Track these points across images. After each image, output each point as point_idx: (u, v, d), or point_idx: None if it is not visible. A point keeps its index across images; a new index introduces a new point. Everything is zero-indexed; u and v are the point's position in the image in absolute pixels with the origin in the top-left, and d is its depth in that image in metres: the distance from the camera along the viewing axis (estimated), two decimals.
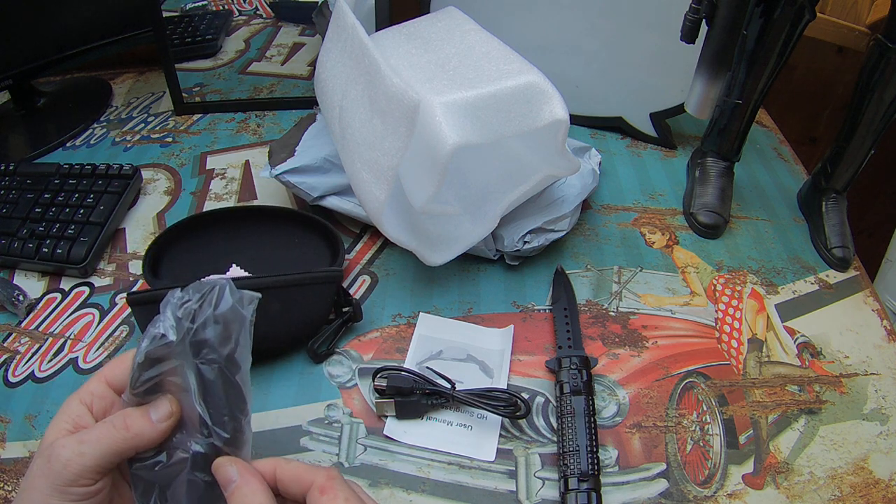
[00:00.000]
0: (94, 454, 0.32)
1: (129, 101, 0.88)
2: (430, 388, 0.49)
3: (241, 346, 0.34)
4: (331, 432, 0.49)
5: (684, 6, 0.60)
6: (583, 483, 0.43)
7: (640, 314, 0.57)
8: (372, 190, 0.51)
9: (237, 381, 0.34)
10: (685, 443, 0.48)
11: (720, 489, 0.46)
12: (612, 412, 0.50)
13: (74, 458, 0.31)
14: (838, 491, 0.46)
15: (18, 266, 0.63)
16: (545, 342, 0.55)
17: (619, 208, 0.68)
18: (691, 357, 0.54)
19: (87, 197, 0.66)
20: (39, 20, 0.77)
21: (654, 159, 0.75)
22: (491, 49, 0.55)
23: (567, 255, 0.63)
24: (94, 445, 0.32)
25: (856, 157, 0.61)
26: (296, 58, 0.82)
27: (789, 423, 0.50)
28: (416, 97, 0.45)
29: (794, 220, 0.68)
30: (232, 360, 0.34)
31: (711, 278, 0.61)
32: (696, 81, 0.65)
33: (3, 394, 0.52)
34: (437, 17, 0.63)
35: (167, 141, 0.79)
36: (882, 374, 0.53)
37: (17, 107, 0.84)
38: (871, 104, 0.57)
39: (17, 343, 0.56)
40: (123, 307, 0.59)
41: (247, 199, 0.70)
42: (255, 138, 0.79)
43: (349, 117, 0.54)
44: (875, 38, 0.56)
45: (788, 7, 0.55)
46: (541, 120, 0.51)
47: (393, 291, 0.59)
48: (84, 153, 0.78)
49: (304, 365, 0.53)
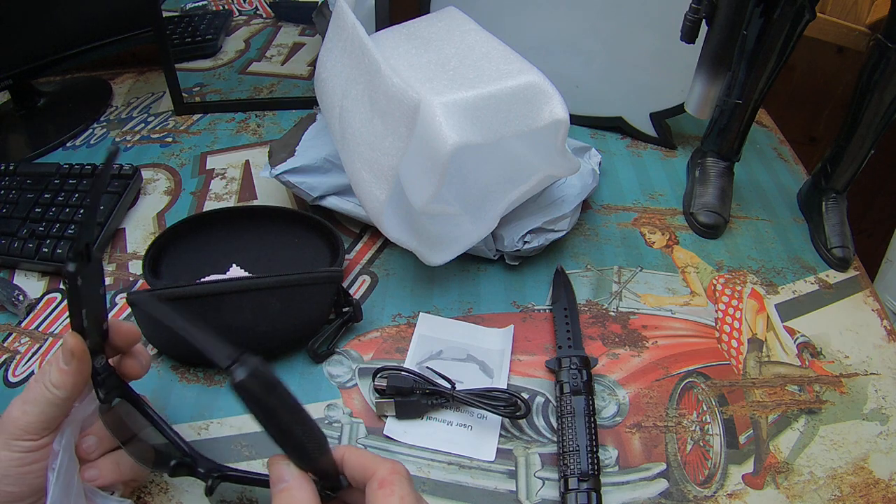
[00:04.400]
0: (33, 410, 0.36)
1: (129, 101, 0.88)
2: (430, 388, 0.49)
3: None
4: (331, 432, 0.49)
5: (684, 6, 0.60)
6: (583, 483, 0.43)
7: (640, 314, 0.57)
8: (372, 190, 0.51)
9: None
10: (685, 443, 0.48)
11: (720, 489, 0.46)
12: (612, 412, 0.50)
13: (20, 417, 0.36)
14: (838, 491, 0.46)
15: (18, 266, 0.63)
16: (545, 342, 0.55)
17: (619, 208, 0.68)
18: (691, 357, 0.54)
19: (87, 197, 0.65)
20: (39, 20, 0.77)
21: (654, 159, 0.75)
22: (491, 49, 0.55)
23: (567, 255, 0.63)
24: (33, 404, 0.36)
25: (856, 157, 0.61)
26: (296, 58, 0.82)
27: (789, 423, 0.50)
28: (417, 97, 0.45)
29: (794, 220, 0.68)
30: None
31: (711, 278, 0.61)
32: (696, 81, 0.65)
33: (4, 394, 0.52)
34: (437, 17, 0.63)
35: (167, 141, 0.79)
36: (882, 374, 0.53)
37: (17, 107, 0.84)
38: (871, 104, 0.57)
39: (17, 343, 0.56)
40: (123, 307, 0.59)
41: (247, 199, 0.70)
42: (255, 138, 0.79)
43: (349, 117, 0.54)
44: (875, 38, 0.56)
45: (788, 7, 0.55)
46: (541, 120, 0.51)
47: (393, 291, 0.59)
48: (84, 153, 0.78)
49: (304, 365, 0.53)
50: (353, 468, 0.34)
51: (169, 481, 0.45)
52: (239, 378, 0.26)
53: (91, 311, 0.37)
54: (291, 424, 0.30)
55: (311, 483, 0.32)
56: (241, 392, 0.26)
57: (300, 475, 0.32)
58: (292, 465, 0.33)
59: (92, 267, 0.36)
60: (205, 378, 0.52)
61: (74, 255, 0.34)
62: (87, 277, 0.35)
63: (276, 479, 0.33)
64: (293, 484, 0.32)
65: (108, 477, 0.40)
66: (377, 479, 0.32)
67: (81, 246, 0.35)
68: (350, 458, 0.34)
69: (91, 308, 0.37)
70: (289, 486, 0.32)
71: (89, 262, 0.35)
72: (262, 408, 0.27)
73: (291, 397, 0.29)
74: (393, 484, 0.32)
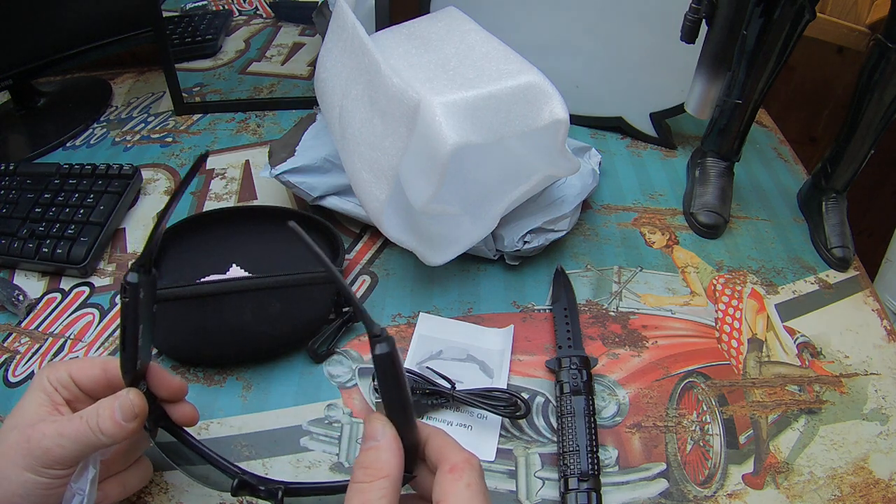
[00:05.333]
0: (72, 447, 0.35)
1: (129, 101, 0.88)
2: (430, 388, 0.49)
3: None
4: (331, 432, 0.49)
5: (684, 6, 0.60)
6: (583, 483, 0.43)
7: (640, 314, 0.57)
8: (372, 190, 0.51)
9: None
10: (685, 443, 0.48)
11: (720, 489, 0.46)
12: (612, 412, 0.50)
13: (54, 448, 0.35)
14: (838, 491, 0.46)
15: (18, 266, 0.63)
16: (545, 342, 0.55)
17: (619, 208, 0.68)
18: (691, 357, 0.54)
19: (87, 197, 0.66)
20: (39, 20, 0.77)
21: (654, 159, 0.75)
22: (491, 49, 0.55)
23: (567, 255, 0.63)
24: (71, 440, 0.35)
25: (856, 157, 0.61)
26: (296, 58, 0.82)
27: (789, 422, 0.50)
28: (417, 97, 0.45)
29: (794, 220, 0.68)
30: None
31: (711, 278, 0.61)
32: (696, 81, 0.65)
33: (4, 394, 0.52)
34: (437, 17, 0.63)
35: (167, 141, 0.79)
36: (882, 374, 0.53)
37: (17, 107, 0.84)
38: (871, 104, 0.57)
39: (17, 343, 0.56)
40: None
41: (247, 199, 0.70)
42: (255, 138, 0.79)
43: (349, 117, 0.54)
44: (875, 38, 0.56)
45: (788, 7, 0.55)
46: (541, 120, 0.51)
47: (393, 291, 0.59)
48: (84, 153, 0.78)
49: (304, 365, 0.53)
50: (432, 450, 0.34)
51: (169, 481, 0.45)
52: (381, 351, 0.30)
53: (146, 329, 0.36)
54: (406, 397, 0.33)
55: (400, 449, 0.32)
56: (379, 361, 0.31)
57: (394, 438, 0.32)
58: (390, 425, 0.33)
59: (151, 281, 0.35)
60: (205, 378, 0.52)
61: (138, 267, 0.33)
62: (147, 290, 0.34)
63: (369, 434, 0.33)
64: (383, 444, 0.32)
65: (112, 498, 0.40)
66: (449, 464, 0.32)
67: (147, 258, 0.34)
68: (433, 441, 0.34)
69: (147, 325, 0.36)
70: (379, 445, 0.32)
71: (149, 274, 0.34)
72: (390, 377, 0.31)
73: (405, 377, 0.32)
74: (463, 471, 0.32)
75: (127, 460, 0.42)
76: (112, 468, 0.41)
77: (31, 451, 0.35)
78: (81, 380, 0.39)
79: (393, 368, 0.31)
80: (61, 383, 0.38)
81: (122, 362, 0.37)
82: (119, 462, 0.41)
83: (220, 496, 0.44)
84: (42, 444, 0.35)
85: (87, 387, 0.39)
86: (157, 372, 0.39)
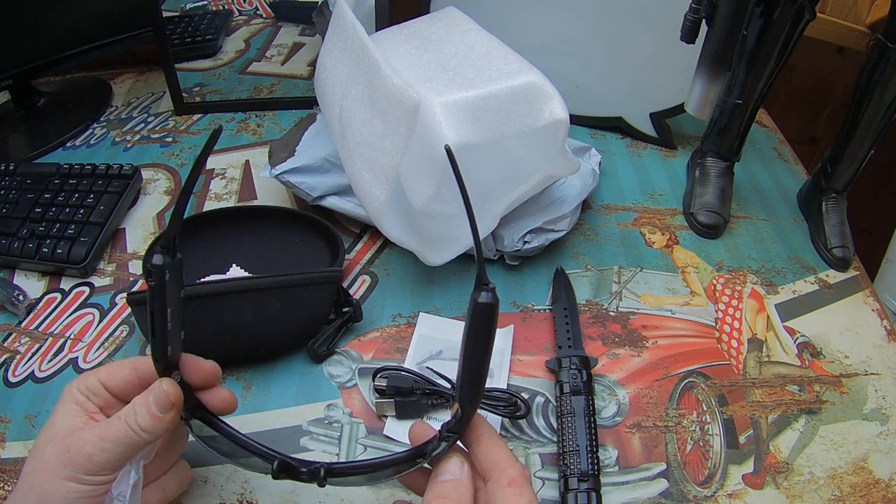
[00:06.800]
0: (114, 450, 0.35)
1: (129, 101, 0.88)
2: (430, 388, 0.49)
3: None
4: (331, 432, 0.49)
5: (684, 6, 0.60)
6: (583, 483, 0.43)
7: (640, 314, 0.57)
8: (372, 190, 0.51)
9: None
10: (685, 443, 0.48)
11: (720, 489, 0.46)
12: (612, 412, 0.50)
13: (97, 454, 0.34)
14: (838, 491, 0.46)
15: (18, 266, 0.63)
16: (545, 342, 0.55)
17: (619, 208, 0.68)
18: (691, 357, 0.54)
19: (87, 197, 0.66)
20: (39, 20, 0.77)
21: (654, 159, 0.75)
22: (491, 49, 0.55)
23: (567, 255, 0.63)
24: (113, 442, 0.35)
25: (856, 157, 0.61)
26: (296, 58, 0.82)
27: (789, 423, 0.50)
28: (417, 97, 0.45)
29: (794, 220, 0.68)
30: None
31: (711, 278, 0.61)
32: (696, 81, 0.65)
33: (4, 394, 0.52)
34: (437, 17, 0.63)
35: (167, 141, 0.79)
36: (882, 374, 0.53)
37: (17, 107, 0.84)
38: (871, 104, 0.57)
39: (17, 343, 0.56)
40: (123, 307, 0.59)
41: (247, 199, 0.70)
42: (255, 138, 0.79)
43: (349, 117, 0.54)
44: (875, 38, 0.56)
45: (788, 7, 0.55)
46: (541, 120, 0.51)
47: (393, 291, 0.59)
48: (84, 153, 0.78)
49: (304, 365, 0.53)
50: (485, 454, 0.34)
51: None
52: (484, 300, 0.31)
53: (175, 314, 0.34)
54: (489, 354, 0.34)
55: (472, 491, 0.33)
56: (480, 308, 0.31)
57: (470, 477, 0.33)
58: (468, 464, 0.33)
59: (177, 263, 0.33)
60: None
61: (161, 248, 0.32)
62: (173, 274, 0.33)
63: (446, 469, 0.33)
64: (464, 481, 0.32)
65: (152, 502, 0.40)
66: (507, 477, 0.32)
67: (169, 238, 0.32)
68: (486, 443, 0.34)
69: (175, 311, 0.34)
70: (459, 481, 0.32)
71: (174, 257, 0.33)
72: (483, 329, 0.32)
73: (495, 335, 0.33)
74: (523, 486, 0.32)
75: (165, 464, 0.41)
76: (151, 474, 0.40)
77: (72, 460, 0.34)
78: (112, 384, 0.38)
79: (489, 321, 0.31)
80: (92, 391, 0.38)
81: (153, 350, 0.35)
82: (158, 466, 0.40)
83: (220, 496, 0.44)
84: (84, 451, 0.34)
85: (119, 390, 0.38)
86: (188, 358, 0.38)
